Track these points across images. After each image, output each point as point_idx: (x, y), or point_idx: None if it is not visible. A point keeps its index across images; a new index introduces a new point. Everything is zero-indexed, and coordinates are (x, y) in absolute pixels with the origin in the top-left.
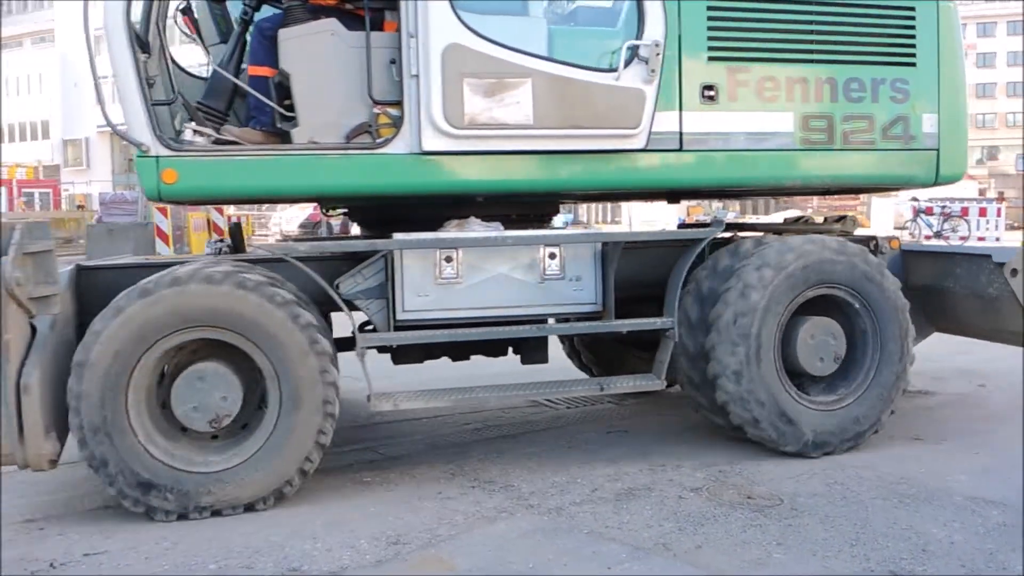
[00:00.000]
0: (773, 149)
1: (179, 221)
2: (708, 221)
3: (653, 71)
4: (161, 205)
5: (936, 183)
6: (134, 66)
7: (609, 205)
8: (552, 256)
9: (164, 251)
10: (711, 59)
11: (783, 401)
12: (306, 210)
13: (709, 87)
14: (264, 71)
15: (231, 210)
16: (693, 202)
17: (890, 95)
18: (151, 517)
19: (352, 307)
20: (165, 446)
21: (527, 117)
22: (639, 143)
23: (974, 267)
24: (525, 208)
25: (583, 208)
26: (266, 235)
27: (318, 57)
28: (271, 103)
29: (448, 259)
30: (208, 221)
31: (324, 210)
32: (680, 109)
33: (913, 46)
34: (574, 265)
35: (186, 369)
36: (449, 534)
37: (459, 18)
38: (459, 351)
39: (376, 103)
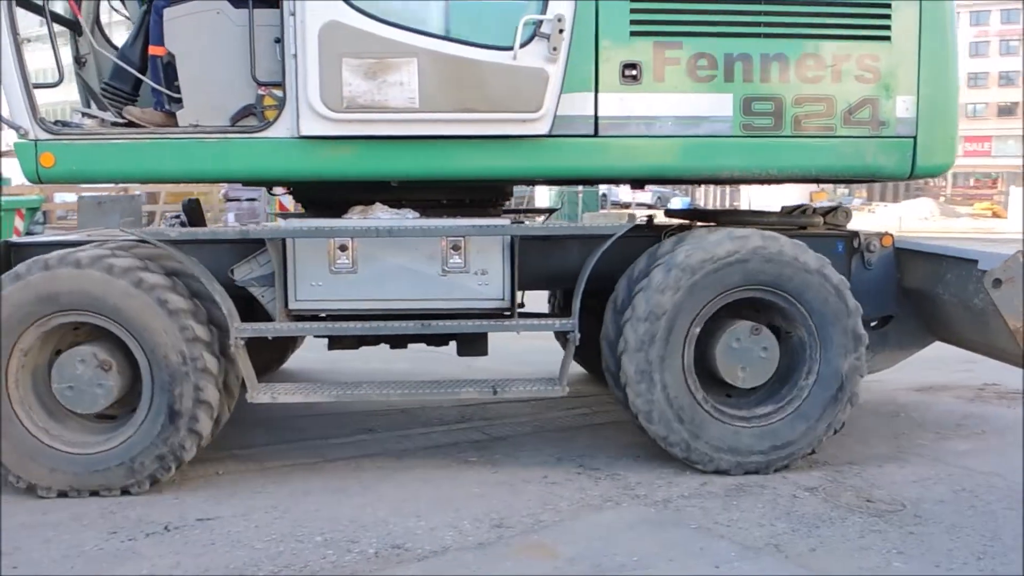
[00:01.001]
0: (707, 136)
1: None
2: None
3: (555, 49)
4: None
5: (912, 176)
6: (13, 50)
7: (727, 187)
8: (455, 248)
9: None
10: (634, 34)
11: (688, 410)
12: None
13: (631, 66)
14: (158, 51)
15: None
16: (816, 186)
17: (855, 74)
18: (35, 493)
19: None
20: (45, 425)
21: (412, 100)
22: (542, 128)
23: (963, 273)
24: (474, 193)
25: (700, 190)
26: None
27: (203, 36)
28: (157, 85)
29: (343, 248)
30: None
31: (268, 190)
32: (596, 90)
33: (887, 16)
34: (479, 258)
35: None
36: (553, 520)
37: None
38: (369, 340)
39: (260, 84)
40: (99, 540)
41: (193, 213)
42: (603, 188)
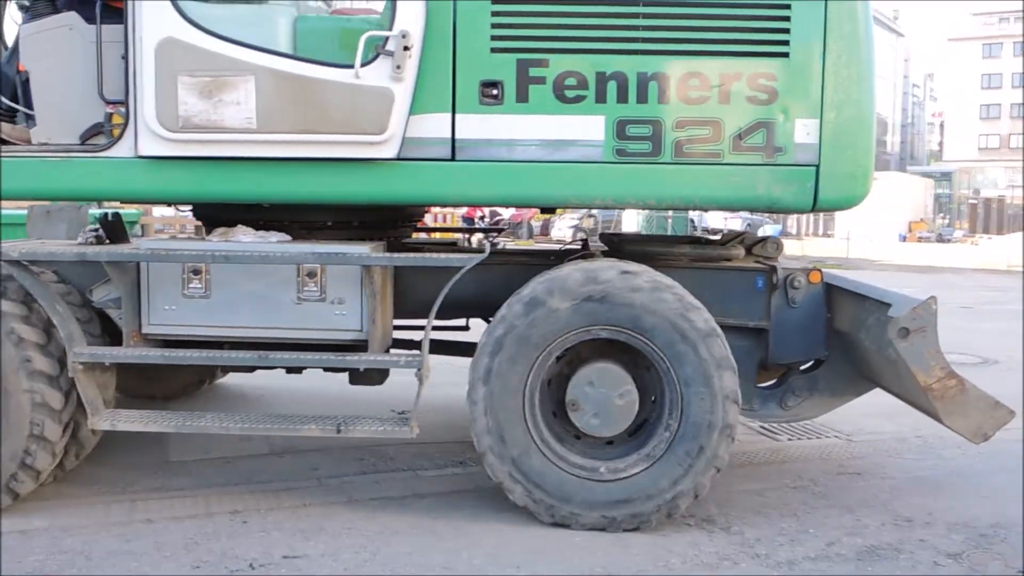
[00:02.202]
0: (575, 161)
1: None
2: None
3: (399, 67)
4: None
5: (815, 208)
6: None
7: (822, 215)
8: (311, 276)
9: None
10: (495, 51)
11: (528, 460)
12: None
13: (491, 84)
14: (22, 67)
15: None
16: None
17: (747, 94)
18: None
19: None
20: None
21: (249, 120)
22: (389, 152)
23: (881, 318)
24: (364, 215)
25: (792, 219)
26: None
27: (54, 53)
28: (11, 103)
29: (195, 272)
30: None
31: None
32: (453, 111)
33: (785, 29)
34: (336, 287)
35: None
36: None
37: (178, 9)
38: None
39: (108, 102)
40: None
41: (113, 228)
42: (692, 213)
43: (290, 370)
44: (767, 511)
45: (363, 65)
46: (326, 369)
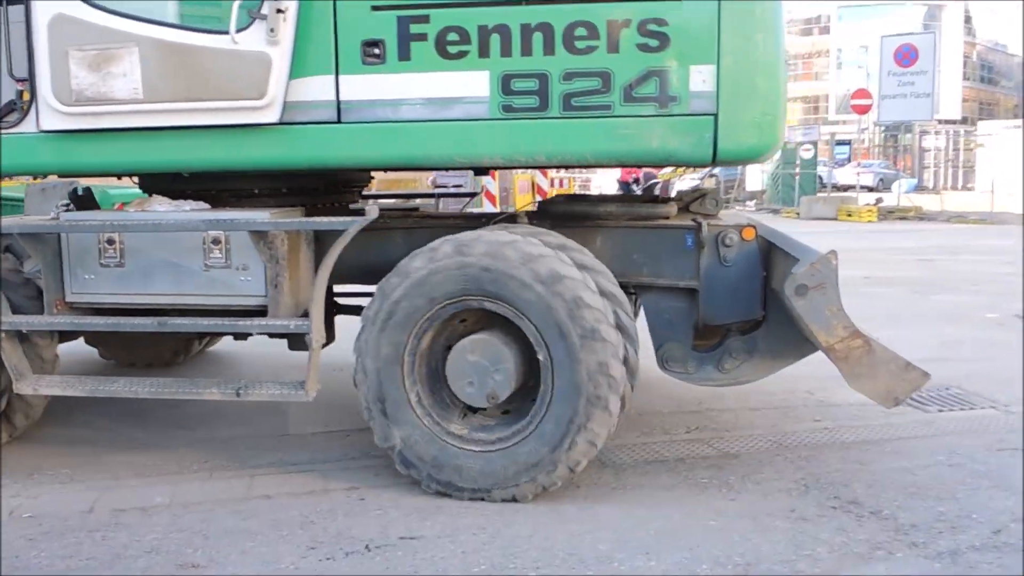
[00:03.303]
0: (461, 119)
1: (505, 183)
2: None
3: (273, 31)
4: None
5: (715, 161)
6: None
7: (961, 164)
8: (216, 243)
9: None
10: (376, 8)
11: (406, 424)
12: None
13: (373, 44)
14: None
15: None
16: None
17: (637, 42)
18: None
19: None
20: None
21: (136, 91)
22: (271, 116)
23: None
24: (292, 181)
25: (929, 172)
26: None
27: None
28: None
29: (110, 242)
30: (532, 183)
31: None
32: (337, 73)
33: None
34: (240, 254)
35: None
36: (811, 571)
37: None
38: None
39: (17, 80)
40: (296, 557)
41: (84, 203)
42: (820, 170)
43: (237, 336)
44: (921, 493)
45: (239, 31)
46: (231, 335)
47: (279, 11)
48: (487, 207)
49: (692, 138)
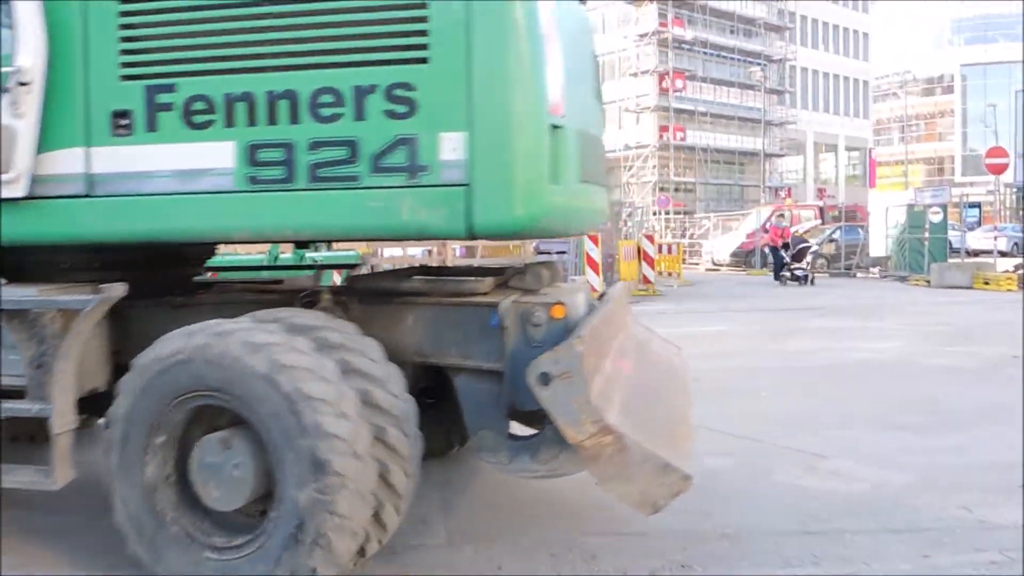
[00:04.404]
0: (208, 192)
1: (610, 249)
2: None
3: (15, 103)
4: (593, 233)
5: (474, 236)
6: None
7: None
8: None
9: (594, 281)
10: (124, 78)
11: (149, 531)
12: (739, 238)
13: (122, 114)
14: None
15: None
16: None
17: (384, 108)
18: None
19: None
20: None
21: None
22: (18, 191)
23: None
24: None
25: None
26: (696, 264)
27: None
28: None
29: None
30: (638, 249)
31: None
32: (88, 144)
33: (423, 32)
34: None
35: None
36: None
37: None
38: None
39: None
40: None
41: None
42: (952, 235)
43: None
44: None
45: None
46: None
47: (22, 83)
48: (590, 276)
49: (444, 211)
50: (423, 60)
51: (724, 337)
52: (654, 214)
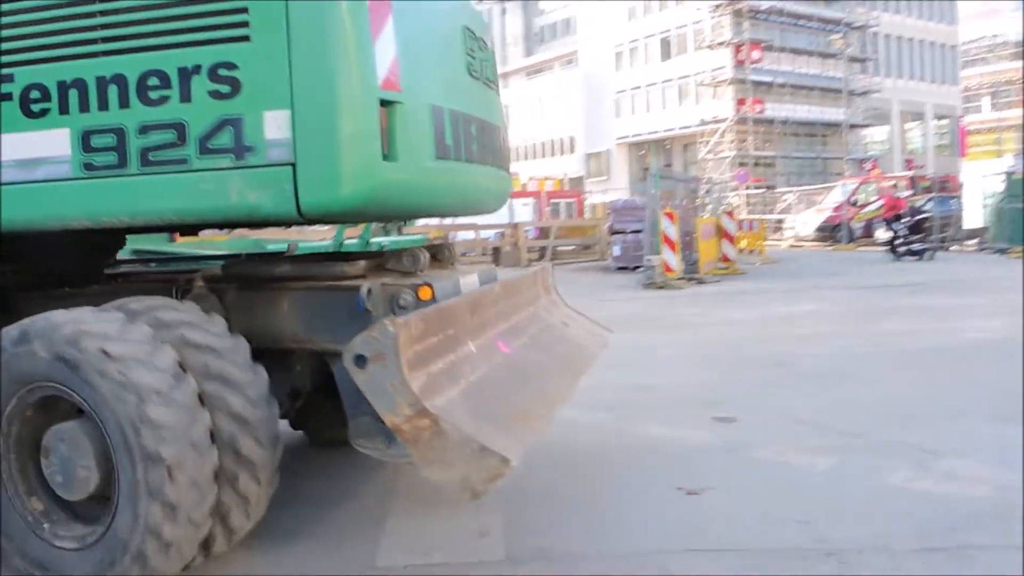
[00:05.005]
0: (47, 180)
1: (688, 227)
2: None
3: None
4: (669, 210)
5: (304, 217)
6: None
7: None
8: None
9: (671, 259)
10: None
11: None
12: (824, 212)
13: None
14: None
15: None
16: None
17: (209, 89)
18: None
19: None
20: None
21: None
22: None
23: None
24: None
25: None
26: (779, 240)
27: None
28: None
29: None
30: (717, 227)
31: None
32: None
33: (243, 10)
34: None
35: None
36: None
37: None
38: None
39: None
40: None
41: None
42: None
43: None
44: None
45: None
46: None
47: None
48: (667, 254)
49: (272, 191)
50: (245, 38)
51: (814, 317)
52: (733, 190)
